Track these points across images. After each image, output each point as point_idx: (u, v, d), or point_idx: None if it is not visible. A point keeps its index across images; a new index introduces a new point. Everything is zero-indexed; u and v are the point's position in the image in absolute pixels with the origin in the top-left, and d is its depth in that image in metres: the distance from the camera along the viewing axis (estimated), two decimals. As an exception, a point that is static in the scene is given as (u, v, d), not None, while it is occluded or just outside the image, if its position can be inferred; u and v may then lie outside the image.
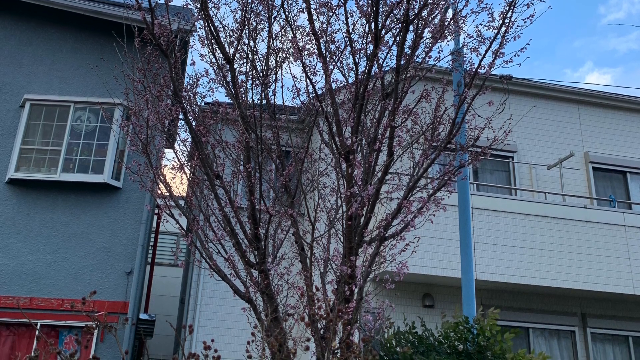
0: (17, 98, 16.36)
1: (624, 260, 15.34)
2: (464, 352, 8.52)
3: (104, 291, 14.73)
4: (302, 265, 7.94)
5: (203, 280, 16.00)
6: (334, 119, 7.40)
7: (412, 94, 7.81)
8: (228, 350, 6.77)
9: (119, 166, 15.72)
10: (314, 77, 7.71)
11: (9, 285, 14.73)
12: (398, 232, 7.61)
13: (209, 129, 8.77)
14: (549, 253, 14.97)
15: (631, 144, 18.65)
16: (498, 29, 7.35)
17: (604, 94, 18.91)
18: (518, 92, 17.87)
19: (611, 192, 18.09)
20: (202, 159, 8.34)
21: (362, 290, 7.43)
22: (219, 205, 8.34)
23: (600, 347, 16.13)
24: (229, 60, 8.27)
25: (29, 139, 15.94)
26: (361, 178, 7.49)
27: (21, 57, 16.91)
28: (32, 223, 15.35)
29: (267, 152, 8.63)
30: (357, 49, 7.57)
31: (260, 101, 8.65)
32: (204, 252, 8.38)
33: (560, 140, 18.05)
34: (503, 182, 17.63)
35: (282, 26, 8.68)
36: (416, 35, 7.56)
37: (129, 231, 15.48)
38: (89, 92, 16.37)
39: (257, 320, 7.91)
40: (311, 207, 8.30)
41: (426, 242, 10.95)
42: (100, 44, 16.63)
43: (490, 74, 7.37)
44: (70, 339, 14.39)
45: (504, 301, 15.19)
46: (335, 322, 4.88)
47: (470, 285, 10.20)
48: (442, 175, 8.00)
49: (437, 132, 7.94)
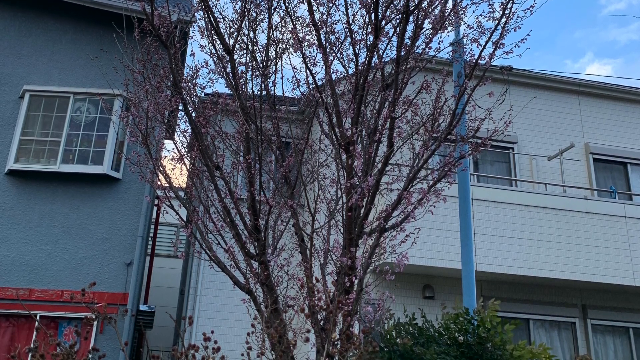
0: (16, 89, 16.33)
1: (625, 251, 15.34)
2: (464, 344, 8.52)
3: (103, 282, 14.72)
4: (302, 257, 7.93)
5: (203, 272, 15.99)
6: (334, 110, 7.39)
7: (412, 85, 7.79)
8: (228, 341, 6.75)
9: (118, 157, 15.71)
10: (314, 68, 7.70)
11: (9, 276, 14.73)
12: (398, 224, 7.59)
13: (209, 120, 8.76)
14: (549, 244, 14.96)
15: (632, 135, 18.63)
16: (498, 19, 7.33)
17: (605, 84, 18.89)
18: (518, 83, 17.83)
19: (612, 183, 18.07)
20: (201, 150, 8.33)
21: (362, 281, 7.42)
22: (218, 197, 8.33)
23: (600, 339, 16.13)
24: (229, 51, 8.25)
25: (28, 130, 15.91)
26: (361, 169, 7.47)
27: (20, 48, 16.87)
28: (32, 214, 15.33)
29: (267, 143, 8.61)
30: (357, 39, 7.55)
31: (260, 92, 8.63)
32: (204, 243, 8.37)
33: (561, 132, 18.03)
34: (503, 173, 17.61)
35: (282, 17, 8.67)
36: (416, 26, 7.54)
37: (129, 222, 15.47)
38: (88, 83, 16.34)
39: (257, 311, 7.90)
40: (311, 198, 8.28)
41: (426, 233, 10.93)
42: (100, 35, 16.60)
43: (491, 64, 7.35)
44: (69, 331, 14.39)
45: (505, 292, 15.18)
46: (335, 313, 4.87)
47: (471, 277, 10.20)
48: (442, 166, 7.99)
49: (438, 123, 7.93)
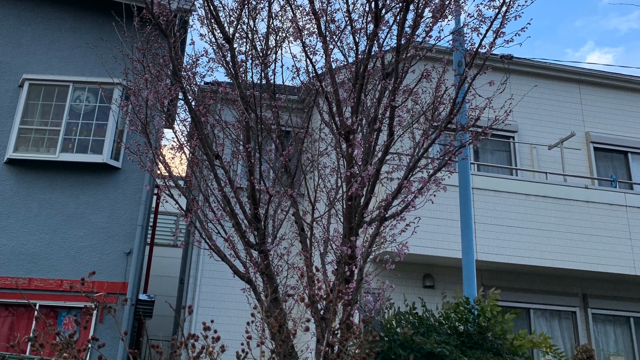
0: (15, 78, 16.32)
1: (625, 240, 15.33)
2: (465, 333, 8.52)
3: (103, 272, 14.74)
4: (302, 246, 7.92)
5: (203, 261, 16.02)
6: (334, 98, 7.36)
7: (413, 73, 7.76)
8: (227, 330, 6.75)
9: (118, 146, 15.71)
10: (314, 56, 7.66)
11: (8, 265, 14.74)
12: (398, 213, 7.58)
13: (209, 108, 8.75)
14: (549, 233, 14.95)
15: (632, 124, 18.60)
16: (499, 8, 7.29)
17: (605, 73, 18.85)
18: (519, 71, 17.79)
19: (612, 172, 18.05)
20: (201, 139, 8.31)
21: (362, 270, 7.41)
22: (218, 186, 8.32)
23: (601, 328, 16.13)
24: (229, 40, 8.23)
25: (27, 119, 15.90)
26: (361, 158, 7.45)
27: (20, 36, 16.84)
28: (31, 203, 15.33)
29: (267, 132, 8.60)
30: (358, 28, 7.52)
31: (260, 81, 8.62)
32: (204, 232, 8.37)
33: (561, 120, 17.99)
34: (504, 162, 17.59)
35: (281, 5, 8.64)
36: (416, 15, 7.51)
37: (128, 211, 15.48)
38: (88, 71, 16.33)
39: (256, 300, 7.89)
40: (311, 187, 8.26)
41: (427, 222, 10.94)
42: (99, 24, 16.57)
43: (491, 53, 7.32)
44: (69, 320, 14.40)
45: (505, 282, 15.19)
46: (335, 302, 4.85)
47: (471, 266, 10.20)
48: (442, 155, 7.97)
49: (438, 112, 7.90)
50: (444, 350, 7.85)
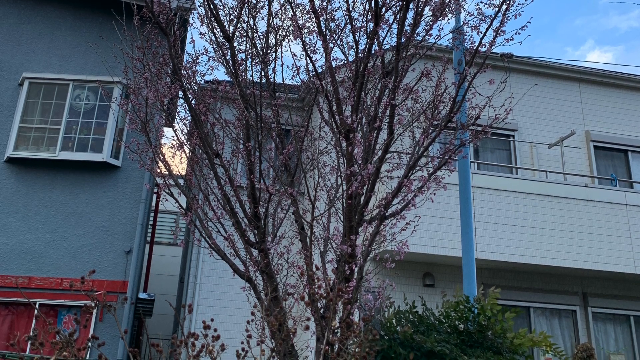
0: (15, 76, 16.31)
1: (625, 239, 15.32)
2: (465, 332, 8.52)
3: (103, 270, 14.73)
4: (302, 244, 7.92)
5: (202, 260, 16.01)
6: (334, 97, 7.35)
7: (413, 72, 7.77)
8: (227, 329, 6.74)
9: (118, 145, 15.70)
10: (314, 55, 7.65)
11: (8, 264, 14.73)
12: (398, 211, 7.58)
13: (209, 107, 8.74)
14: (550, 232, 14.94)
15: (633, 122, 18.58)
16: (499, 6, 7.29)
17: (605, 72, 18.84)
18: (519, 70, 17.78)
19: (612, 170, 18.04)
20: (201, 138, 8.31)
21: (362, 269, 7.41)
22: (218, 184, 8.31)
23: (601, 327, 16.13)
24: (229, 39, 8.22)
25: (27, 118, 15.90)
26: (361, 157, 7.45)
27: (20, 35, 16.83)
28: (31, 202, 15.33)
29: (267, 131, 8.60)
30: (358, 27, 7.51)
31: (260, 79, 8.62)
32: (204, 231, 8.37)
33: (562, 119, 17.98)
34: (504, 161, 17.58)
35: (282, 4, 8.64)
36: (417, 13, 7.50)
37: (128, 210, 15.47)
38: (88, 70, 16.32)
39: (256, 299, 7.89)
40: (311, 185, 8.26)
41: (427, 221, 10.93)
42: (99, 22, 16.57)
43: (491, 52, 7.32)
44: (69, 319, 14.39)
45: (505, 280, 15.18)
46: (335, 301, 4.84)
47: (471, 265, 10.19)
48: (442, 153, 7.97)
49: (438, 111, 7.90)
50: (444, 349, 7.86)
